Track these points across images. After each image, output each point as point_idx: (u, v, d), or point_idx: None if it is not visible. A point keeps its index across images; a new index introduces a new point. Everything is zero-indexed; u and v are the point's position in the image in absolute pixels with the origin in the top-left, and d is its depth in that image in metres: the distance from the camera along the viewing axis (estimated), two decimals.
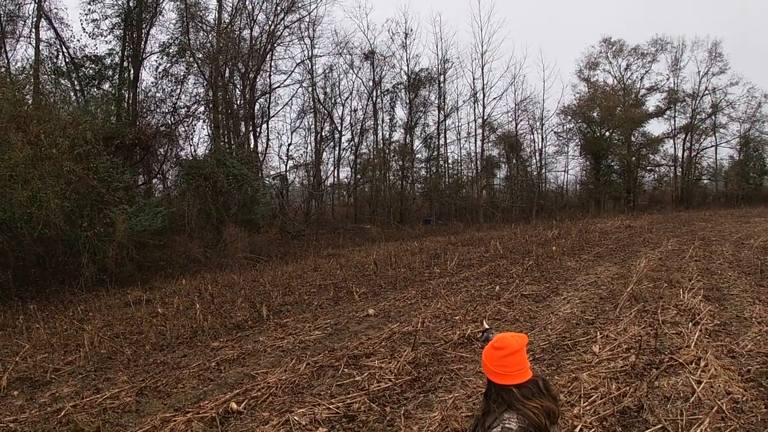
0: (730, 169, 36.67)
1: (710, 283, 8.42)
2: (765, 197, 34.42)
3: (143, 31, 20.86)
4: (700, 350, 5.06)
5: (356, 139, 32.13)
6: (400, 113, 33.50)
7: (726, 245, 13.02)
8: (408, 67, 31.85)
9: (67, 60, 20.01)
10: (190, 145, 23.58)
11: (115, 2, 20.04)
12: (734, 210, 28.14)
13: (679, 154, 36.87)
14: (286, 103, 30.68)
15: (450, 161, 35.01)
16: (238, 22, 24.56)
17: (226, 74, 23.82)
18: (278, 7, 25.34)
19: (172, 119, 21.92)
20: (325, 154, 31.65)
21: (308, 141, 31.12)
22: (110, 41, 20.48)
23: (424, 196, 33.70)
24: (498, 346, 1.90)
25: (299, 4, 26.18)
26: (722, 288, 8.08)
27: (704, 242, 13.92)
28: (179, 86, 21.94)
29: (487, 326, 2.90)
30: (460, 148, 35.14)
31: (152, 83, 21.72)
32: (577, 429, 3.68)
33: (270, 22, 25.49)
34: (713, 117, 35.87)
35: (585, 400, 4.13)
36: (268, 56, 26.39)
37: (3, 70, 17.71)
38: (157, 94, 21.69)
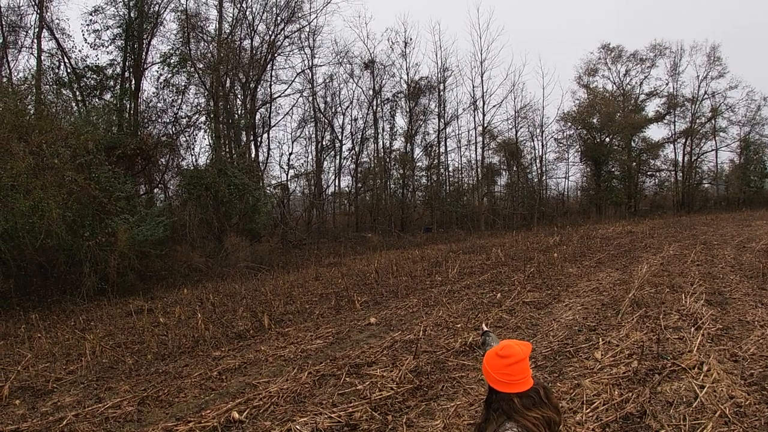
0: (731, 173, 36.69)
1: (712, 288, 8.41)
2: (766, 200, 34.38)
3: (144, 41, 21.03)
4: (703, 355, 5.05)
5: (357, 148, 32.31)
6: (401, 122, 33.68)
7: (728, 249, 13.01)
8: (408, 75, 32.09)
9: (68, 70, 20.15)
10: (192, 155, 23.71)
11: (116, 13, 20.28)
12: (735, 213, 28.11)
13: (680, 158, 36.97)
14: (287, 113, 30.94)
15: (450, 169, 35.15)
16: (239, 33, 24.80)
17: (227, 84, 23.99)
18: (278, 18, 25.63)
19: (174, 129, 22.01)
20: (325, 163, 31.84)
21: (309, 150, 31.32)
22: (111, 52, 20.68)
23: (425, 204, 33.69)
24: (503, 354, 1.87)
25: (299, 15, 26.50)
26: (724, 292, 8.06)
27: (706, 246, 13.89)
28: (180, 96, 22.06)
29: (486, 328, 2.88)
30: (461, 156, 35.23)
31: (153, 93, 21.86)
32: None
33: (270, 32, 25.76)
34: (713, 121, 35.94)
35: (587, 406, 4.12)
36: (268, 66, 26.61)
37: (5, 80, 17.88)
38: (159, 105, 21.81)
